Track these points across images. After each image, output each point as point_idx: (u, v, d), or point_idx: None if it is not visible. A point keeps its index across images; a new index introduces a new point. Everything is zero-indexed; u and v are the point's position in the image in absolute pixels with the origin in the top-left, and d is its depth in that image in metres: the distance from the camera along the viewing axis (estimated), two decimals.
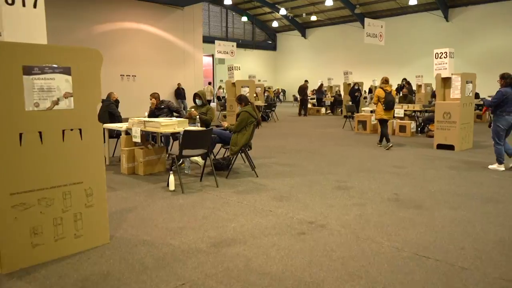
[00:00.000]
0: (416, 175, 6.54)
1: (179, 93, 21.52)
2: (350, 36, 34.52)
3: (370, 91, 24.34)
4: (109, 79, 19.32)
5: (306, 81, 20.72)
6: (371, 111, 13.49)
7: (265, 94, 19.72)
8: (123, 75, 19.89)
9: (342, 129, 13.83)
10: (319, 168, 7.13)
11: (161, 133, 6.52)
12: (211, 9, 35.14)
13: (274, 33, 40.88)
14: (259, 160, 7.91)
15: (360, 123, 12.72)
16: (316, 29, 37.80)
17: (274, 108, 17.52)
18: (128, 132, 6.96)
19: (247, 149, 6.56)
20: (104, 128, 7.39)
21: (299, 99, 20.89)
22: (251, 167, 6.66)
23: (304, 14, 34.67)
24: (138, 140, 6.55)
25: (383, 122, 9.55)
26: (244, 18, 35.09)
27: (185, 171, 6.78)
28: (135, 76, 20.30)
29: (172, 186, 5.54)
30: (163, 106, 8.32)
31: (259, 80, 26.91)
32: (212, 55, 32.64)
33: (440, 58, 9.31)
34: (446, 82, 9.36)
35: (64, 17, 17.69)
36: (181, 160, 6.84)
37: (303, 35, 38.71)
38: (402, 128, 11.83)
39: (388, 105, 9.25)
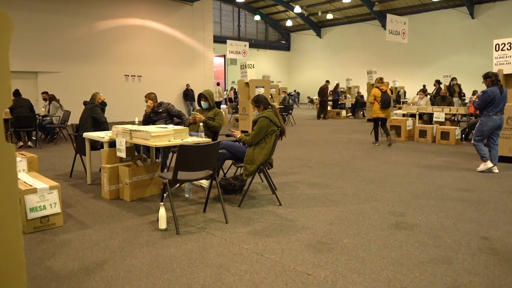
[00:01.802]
0: (496, 204, 4.83)
1: (188, 94, 20.02)
2: (368, 35, 32.82)
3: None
4: (112, 80, 17.92)
5: (327, 81, 18.99)
6: (404, 115, 11.81)
7: (282, 95, 18.08)
8: (128, 76, 18.43)
9: (370, 135, 12.11)
10: (360, 191, 5.46)
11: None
12: (223, 7, 33.70)
13: (288, 33, 39.31)
14: (280, 177, 6.27)
15: (392, 128, 11.00)
16: (332, 28, 36.14)
17: (291, 111, 15.88)
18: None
19: (266, 168, 4.93)
20: (85, 138, 5.83)
21: (318, 100, 19.20)
22: (272, 190, 5.02)
23: (319, 12, 33.02)
24: (123, 154, 4.96)
25: (377, 121, 9.92)
26: (257, 17, 33.58)
27: (186, 195, 5.18)
28: (140, 76, 18.83)
29: (163, 224, 3.93)
30: (161, 110, 6.75)
31: (272, 82, 25.38)
32: (224, 56, 31.24)
33: (501, 50, 7.59)
34: (509, 79, 7.62)
35: (62, 13, 16.26)
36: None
37: (318, 34, 37.07)
38: (445, 135, 10.08)
39: (384, 103, 9.53)
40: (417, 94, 13.44)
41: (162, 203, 3.93)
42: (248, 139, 4.77)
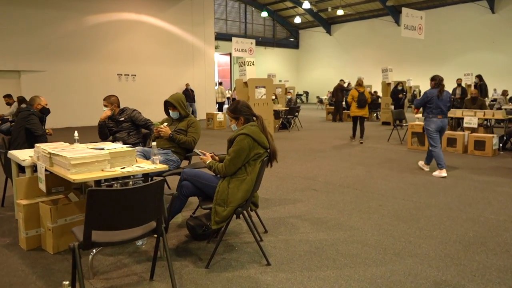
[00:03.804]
0: None
1: (187, 95, 18.49)
2: (381, 31, 31.19)
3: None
4: (104, 80, 16.40)
5: (341, 80, 17.36)
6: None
7: (288, 96, 16.49)
8: (121, 75, 16.99)
9: (387, 142, 10.51)
10: (385, 235, 3.87)
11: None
12: (229, 4, 32.26)
13: (297, 30, 37.73)
14: (275, 207, 4.71)
15: (415, 135, 9.37)
16: (342, 25, 34.51)
17: (297, 114, 14.28)
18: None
19: (250, 210, 3.39)
20: (10, 159, 4.32)
21: (333, 101, 17.59)
22: (256, 241, 3.43)
23: (329, 8, 31.38)
24: (42, 187, 3.45)
25: (356, 119, 10.65)
26: (264, 14, 32.03)
27: (137, 243, 3.65)
28: (135, 75, 17.38)
29: None
30: (122, 118, 5.24)
31: (280, 81, 23.86)
32: (230, 54, 29.78)
33: None
34: None
35: (51, 6, 14.82)
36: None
37: (328, 31, 35.45)
38: (479, 144, 8.42)
39: (360, 103, 10.26)
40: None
41: (67, 283, 2.39)
42: (221, 168, 3.21)
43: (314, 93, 34.34)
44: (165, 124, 4.72)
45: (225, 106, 22.47)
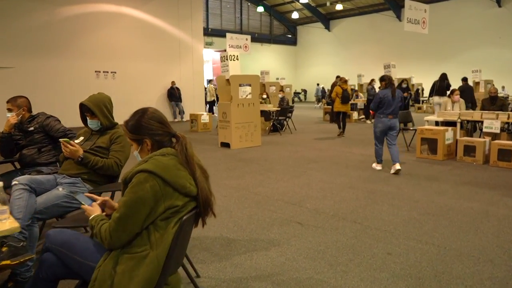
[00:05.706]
0: None
1: (173, 94, 17.13)
2: (382, 27, 29.94)
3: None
4: (80, 77, 14.73)
5: (338, 77, 15.86)
6: (437, 123, 8.73)
7: (280, 95, 15.01)
8: (99, 72, 15.50)
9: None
10: None
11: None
12: None
13: (294, 26, 36.37)
14: (235, 258, 3.25)
15: (425, 141, 7.92)
16: (341, 20, 33.22)
17: (290, 114, 12.81)
18: None
19: None
20: None
21: (328, 100, 16.16)
22: None
23: (328, 3, 29.99)
24: None
25: (340, 115, 11.20)
26: (260, 9, 30.62)
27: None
28: (115, 72, 15.90)
29: None
30: (32, 128, 3.80)
31: (277, 78, 22.48)
32: (225, 51, 28.41)
33: None
34: None
35: None
36: None
37: (327, 27, 34.14)
38: (505, 154, 6.94)
39: (344, 99, 10.89)
40: (449, 96, 9.35)
41: None
42: (104, 233, 1.76)
43: (313, 91, 32.97)
44: (81, 138, 3.28)
45: (216, 108, 20.97)
